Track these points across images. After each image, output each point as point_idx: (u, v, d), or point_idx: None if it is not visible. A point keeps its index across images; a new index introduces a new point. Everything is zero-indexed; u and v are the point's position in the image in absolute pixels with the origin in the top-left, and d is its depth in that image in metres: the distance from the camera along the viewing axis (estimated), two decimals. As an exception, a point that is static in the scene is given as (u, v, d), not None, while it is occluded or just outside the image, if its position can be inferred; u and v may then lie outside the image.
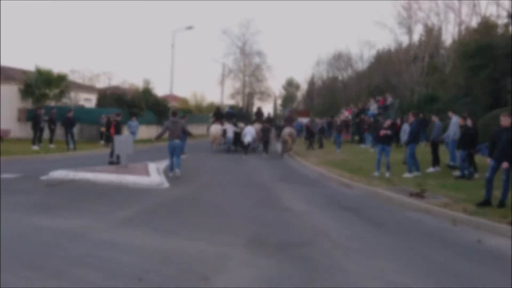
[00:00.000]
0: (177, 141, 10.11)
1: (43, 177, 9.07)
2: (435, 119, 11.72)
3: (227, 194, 8.29)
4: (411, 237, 5.41)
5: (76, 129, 18.30)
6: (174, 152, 10.20)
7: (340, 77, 51.58)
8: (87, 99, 27.77)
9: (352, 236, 5.32)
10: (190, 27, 29.35)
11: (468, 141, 9.72)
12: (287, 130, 17.50)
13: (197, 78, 76.60)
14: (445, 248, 4.94)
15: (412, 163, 10.56)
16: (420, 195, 7.75)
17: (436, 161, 11.40)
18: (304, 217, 6.35)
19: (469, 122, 10.08)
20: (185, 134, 10.81)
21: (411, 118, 11.31)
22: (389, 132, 10.67)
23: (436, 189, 8.36)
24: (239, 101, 51.11)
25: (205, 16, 77.63)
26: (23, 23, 66.21)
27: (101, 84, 43.63)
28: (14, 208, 6.08)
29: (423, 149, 11.89)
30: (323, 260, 4.27)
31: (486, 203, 6.66)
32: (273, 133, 20.42)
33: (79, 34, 72.54)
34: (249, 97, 51.48)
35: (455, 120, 10.99)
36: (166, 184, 8.93)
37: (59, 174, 9.27)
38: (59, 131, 17.45)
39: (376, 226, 5.90)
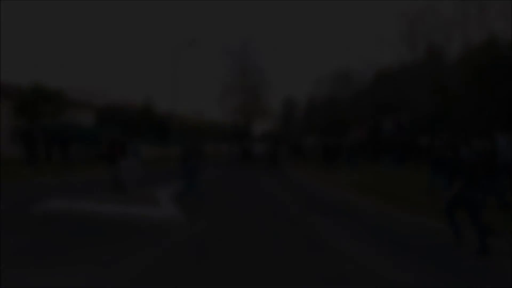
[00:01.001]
0: (193, 163, 9.08)
1: (35, 209, 7.62)
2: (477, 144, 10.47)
3: (257, 231, 6.83)
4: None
5: (73, 150, 17.00)
6: (190, 175, 9.35)
7: (340, 95, 50.67)
8: (85, 117, 26.39)
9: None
10: (192, 42, 28.48)
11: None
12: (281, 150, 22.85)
13: (197, 96, 75.82)
14: None
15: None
16: (495, 233, 6.36)
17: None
18: (372, 268, 4.89)
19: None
20: (200, 157, 9.55)
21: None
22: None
23: (497, 221, 7.06)
24: (239, 119, 50.07)
25: (205, 34, 77.48)
26: (20, 37, 65.40)
27: (100, 101, 42.39)
28: (-8, 259, 4.65)
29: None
30: None
31: None
32: (280, 152, 23.87)
33: (78, 50, 71.82)
34: (249, 115, 50.53)
35: (503, 143, 9.70)
36: (180, 217, 7.49)
37: (53, 205, 7.82)
38: (55, 151, 16.08)
39: (478, 283, 4.48)
